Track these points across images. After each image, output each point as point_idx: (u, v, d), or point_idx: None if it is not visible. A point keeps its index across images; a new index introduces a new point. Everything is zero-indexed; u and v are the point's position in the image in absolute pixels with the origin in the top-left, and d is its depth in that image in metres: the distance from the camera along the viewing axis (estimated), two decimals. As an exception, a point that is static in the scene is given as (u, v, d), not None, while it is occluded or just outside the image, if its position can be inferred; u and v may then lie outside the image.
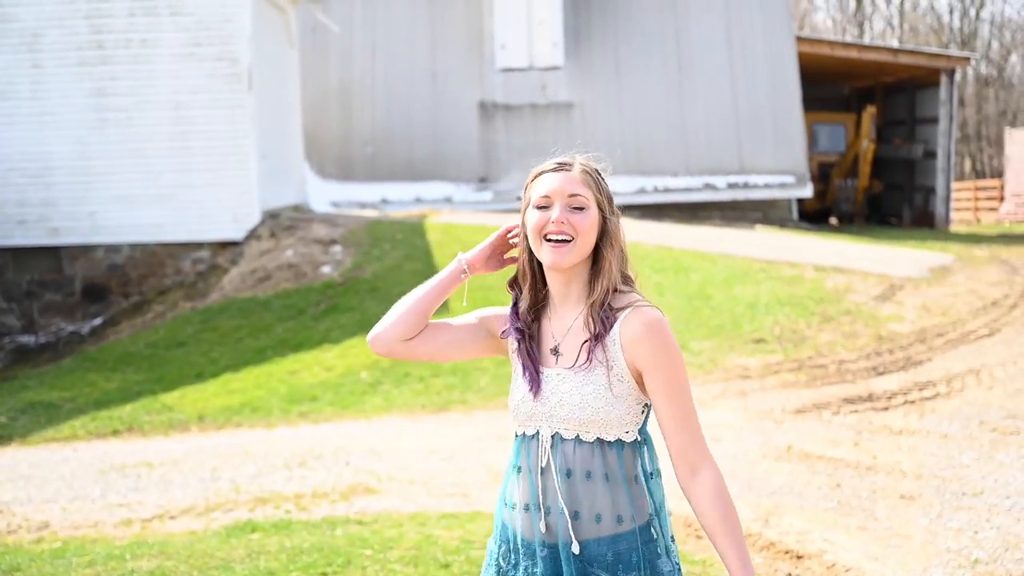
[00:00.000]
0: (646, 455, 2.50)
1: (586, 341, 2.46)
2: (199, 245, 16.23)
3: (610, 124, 22.24)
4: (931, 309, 13.35)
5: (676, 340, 2.47)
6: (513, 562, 2.53)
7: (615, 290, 2.52)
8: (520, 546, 2.51)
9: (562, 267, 2.46)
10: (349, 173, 21.56)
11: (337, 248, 16.02)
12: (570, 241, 2.43)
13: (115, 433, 10.23)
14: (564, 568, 2.43)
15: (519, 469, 2.53)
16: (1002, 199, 33.87)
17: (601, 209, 2.51)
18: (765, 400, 9.92)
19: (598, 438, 2.44)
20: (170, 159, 15.98)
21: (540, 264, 2.52)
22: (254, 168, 16.15)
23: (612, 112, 22.36)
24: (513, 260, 2.64)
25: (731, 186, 22.42)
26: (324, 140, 21.52)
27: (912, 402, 9.67)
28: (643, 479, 2.48)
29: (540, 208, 2.47)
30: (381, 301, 13.69)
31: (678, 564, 2.54)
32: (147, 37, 15.92)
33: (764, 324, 12.49)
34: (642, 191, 21.90)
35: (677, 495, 7.24)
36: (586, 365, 2.43)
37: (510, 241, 2.68)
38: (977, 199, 35.43)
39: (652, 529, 2.48)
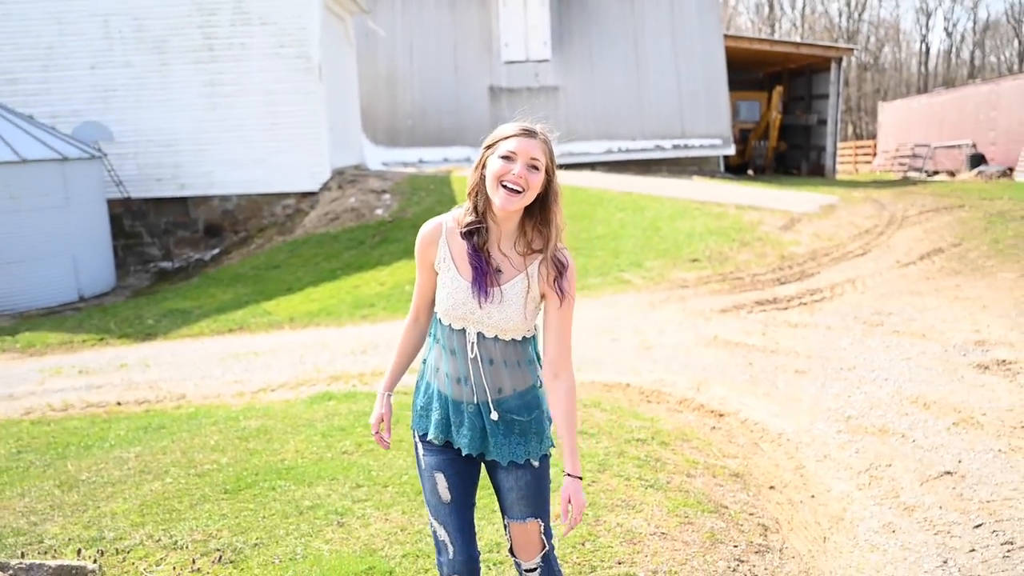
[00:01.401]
0: (535, 345, 2.65)
1: (555, 279, 2.50)
2: (287, 195, 16.25)
3: (585, 102, 22.09)
4: (820, 236, 13.32)
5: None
6: (445, 415, 2.61)
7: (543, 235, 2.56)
8: (450, 404, 2.60)
9: (508, 210, 2.43)
10: (395, 140, 21.47)
11: (387, 196, 15.98)
12: (521, 192, 2.42)
13: (230, 331, 10.32)
14: (487, 419, 2.56)
15: (449, 351, 2.57)
16: (874, 155, 33.63)
17: (548, 173, 2.50)
18: (698, 303, 9.95)
19: (512, 339, 2.54)
20: (263, 132, 15.94)
21: (485, 203, 2.50)
22: (325, 138, 16.14)
23: (587, 93, 22.17)
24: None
25: (675, 147, 22.32)
26: (376, 116, 21.40)
27: (805, 303, 9.70)
28: (534, 359, 2.63)
29: (504, 159, 2.43)
30: (420, 234, 13.68)
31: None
32: (244, 41, 15.76)
33: (698, 248, 12.47)
34: (609, 151, 21.83)
35: (634, 372, 7.23)
36: (523, 294, 2.49)
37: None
38: (856, 155, 35.18)
39: (537, 387, 2.62)
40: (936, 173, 26.11)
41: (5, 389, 8.43)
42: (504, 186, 2.41)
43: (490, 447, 2.57)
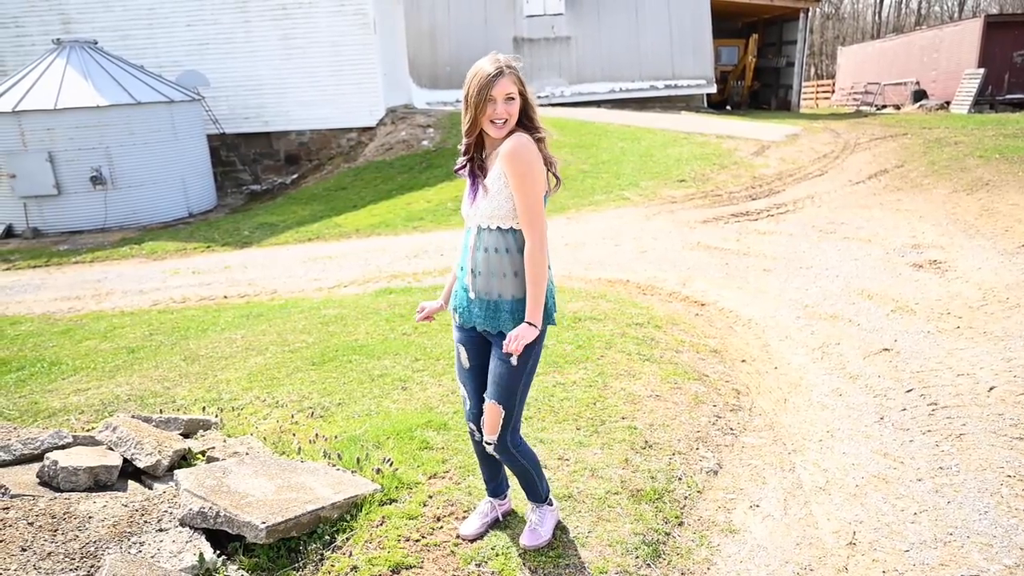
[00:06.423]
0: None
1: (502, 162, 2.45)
2: (350, 129, 15.98)
3: (593, 50, 21.31)
4: (786, 160, 12.98)
5: (531, 156, 2.40)
6: (460, 299, 2.64)
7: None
8: (463, 290, 2.62)
9: (499, 137, 2.45)
10: (436, 83, 20.89)
11: (431, 130, 15.70)
12: (506, 122, 2.43)
13: (309, 240, 10.36)
14: (485, 306, 2.55)
15: (463, 247, 2.62)
16: (833, 92, 32.43)
17: (523, 95, 2.47)
18: (684, 215, 9.81)
19: (499, 227, 2.48)
20: (330, 77, 15.56)
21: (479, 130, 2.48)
22: (380, 81, 15.75)
23: (594, 42, 21.35)
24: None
25: (667, 87, 21.59)
26: (421, 63, 20.80)
27: (772, 215, 9.54)
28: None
29: (489, 102, 2.42)
30: (459, 161, 13.53)
31: (554, 300, 2.62)
32: (312, 1, 15.25)
33: (685, 171, 12.22)
34: (612, 91, 21.19)
35: (632, 271, 7.17)
36: (499, 180, 2.44)
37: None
38: (817, 92, 33.89)
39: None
40: (884, 107, 25.20)
41: (136, 286, 8.59)
42: (492, 122, 2.43)
43: (481, 321, 2.56)
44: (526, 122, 2.48)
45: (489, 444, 2.66)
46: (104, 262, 10.03)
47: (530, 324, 2.43)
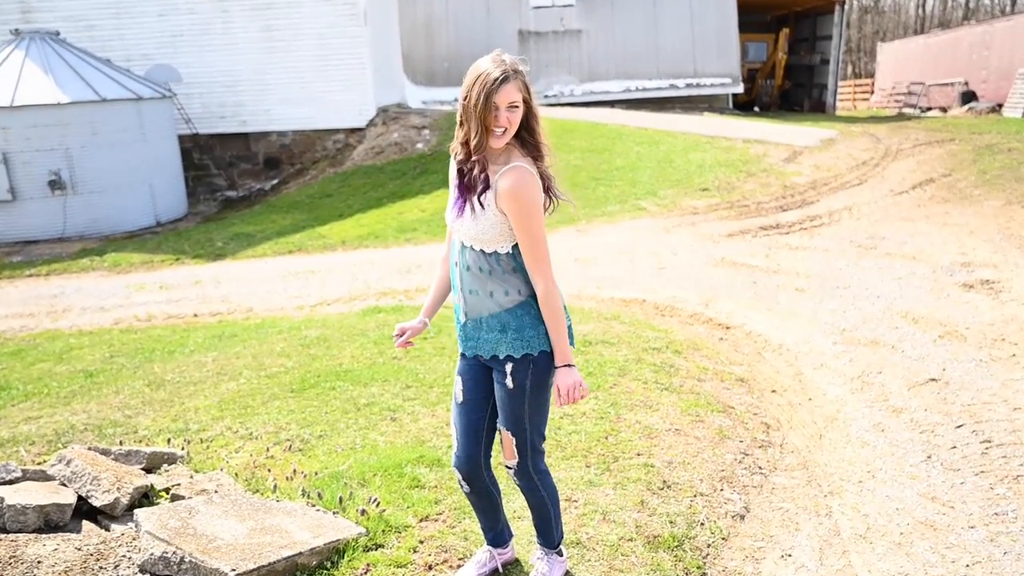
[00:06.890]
0: (520, 257, 2.54)
1: (500, 197, 2.47)
2: (337, 131, 16.11)
3: (607, 44, 21.51)
4: (820, 167, 13.02)
5: (532, 193, 2.42)
6: (455, 315, 2.69)
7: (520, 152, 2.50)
8: (456, 306, 2.68)
9: (498, 147, 2.46)
10: (433, 80, 21.10)
11: (426, 131, 15.81)
12: (505, 131, 2.45)
13: (290, 252, 10.39)
14: (477, 325, 2.59)
15: (454, 263, 2.64)
16: (872, 92, 32.61)
17: (527, 103, 2.48)
18: (708, 228, 9.83)
19: (482, 249, 2.51)
20: (316, 73, 15.73)
21: (478, 135, 2.45)
22: (370, 78, 15.91)
23: (608, 36, 21.56)
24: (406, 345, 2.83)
25: (688, 86, 21.76)
26: (416, 58, 21.01)
27: (805, 228, 9.55)
28: (520, 272, 2.54)
29: (491, 109, 2.43)
30: (457, 166, 13.59)
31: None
32: (298, -11, 15.52)
33: (708, 178, 12.26)
34: (627, 90, 21.34)
35: (649, 290, 7.18)
36: (491, 205, 2.46)
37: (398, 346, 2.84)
38: (855, 93, 34.10)
39: (525, 305, 2.55)
40: (929, 109, 25.31)
41: (96, 302, 8.61)
42: (491, 131, 2.43)
43: (477, 345, 2.59)
44: (525, 134, 2.49)
45: (510, 468, 2.71)
46: (62, 275, 10.06)
47: (567, 367, 2.52)
